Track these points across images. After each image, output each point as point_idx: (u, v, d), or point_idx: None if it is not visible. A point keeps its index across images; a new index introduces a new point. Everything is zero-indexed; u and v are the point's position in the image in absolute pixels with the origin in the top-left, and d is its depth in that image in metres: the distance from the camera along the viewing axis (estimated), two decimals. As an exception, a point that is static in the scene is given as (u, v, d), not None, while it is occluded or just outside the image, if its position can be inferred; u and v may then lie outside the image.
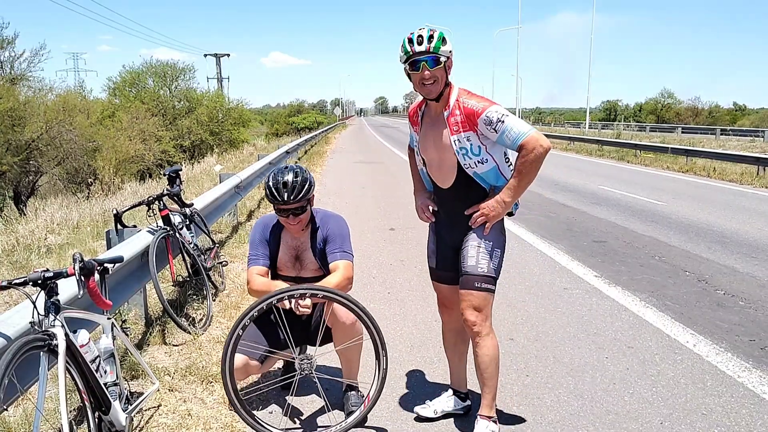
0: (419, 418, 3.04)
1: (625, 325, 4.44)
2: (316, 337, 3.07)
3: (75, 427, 2.72)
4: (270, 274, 3.11)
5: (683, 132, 42.65)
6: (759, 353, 3.97)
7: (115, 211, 4.19)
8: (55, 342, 2.11)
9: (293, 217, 2.93)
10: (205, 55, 46.96)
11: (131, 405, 2.70)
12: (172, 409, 3.06)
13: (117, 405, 2.51)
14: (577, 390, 3.39)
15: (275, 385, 3.27)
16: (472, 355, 2.88)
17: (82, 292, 2.35)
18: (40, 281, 2.20)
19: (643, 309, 4.81)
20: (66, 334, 2.17)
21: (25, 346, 2.00)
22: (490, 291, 2.75)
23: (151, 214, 4.47)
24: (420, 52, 2.57)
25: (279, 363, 3.34)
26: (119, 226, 4.14)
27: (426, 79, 2.62)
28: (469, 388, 3.17)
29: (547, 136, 2.71)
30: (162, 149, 26.30)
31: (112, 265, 2.73)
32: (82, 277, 2.33)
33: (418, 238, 2.79)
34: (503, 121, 2.59)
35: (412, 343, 4.06)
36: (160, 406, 3.09)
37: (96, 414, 2.37)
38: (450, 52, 2.62)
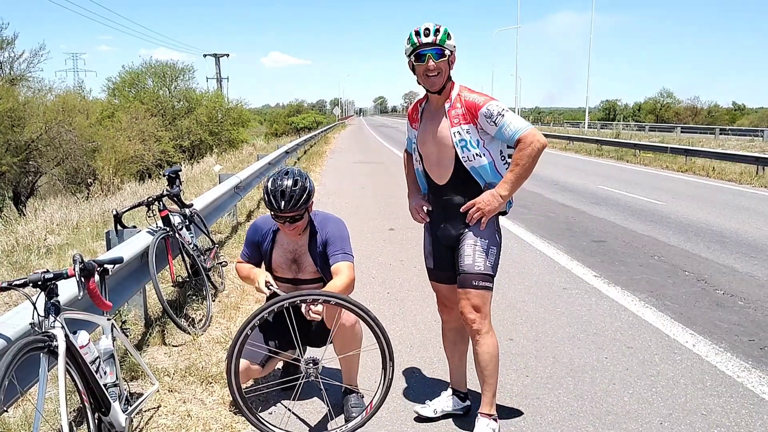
0: (419, 418, 3.05)
1: (624, 325, 4.44)
2: (317, 339, 3.06)
3: (75, 428, 2.73)
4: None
5: (682, 131, 42.61)
6: (758, 353, 3.98)
7: (114, 212, 4.18)
8: (55, 343, 2.11)
9: (289, 224, 2.93)
10: (205, 55, 46.99)
11: (131, 406, 2.70)
12: (172, 410, 3.06)
13: (117, 406, 2.51)
14: (576, 390, 3.39)
15: (277, 387, 3.27)
16: (471, 354, 2.89)
17: (82, 293, 2.35)
18: (40, 282, 2.20)
19: (642, 309, 4.81)
20: (66, 335, 2.17)
21: (25, 347, 2.00)
22: (488, 289, 2.78)
23: (151, 215, 4.47)
24: (426, 44, 2.65)
25: (279, 364, 3.34)
26: (119, 227, 4.14)
27: (431, 71, 2.68)
28: (469, 388, 3.17)
29: (546, 136, 2.74)
30: (161, 149, 26.28)
31: (112, 265, 2.73)
32: (82, 278, 2.34)
33: (417, 238, 2.81)
34: (503, 115, 2.66)
35: (411, 343, 4.06)
36: (159, 406, 3.10)
37: (96, 415, 2.37)
38: (454, 47, 2.70)
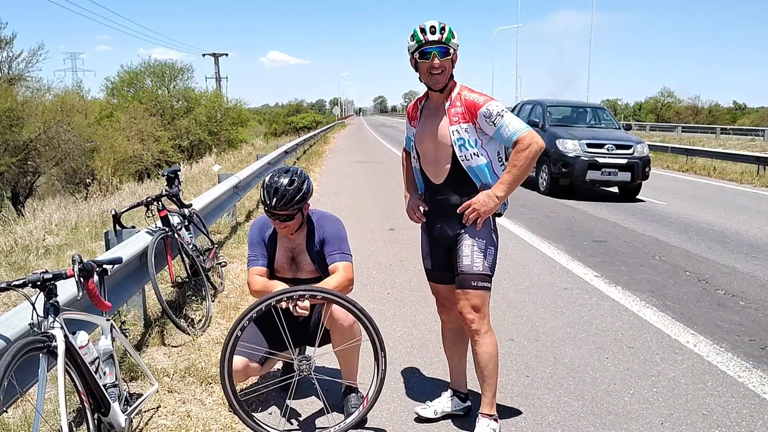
0: (419, 419, 3.04)
1: (625, 326, 4.44)
2: (315, 337, 3.06)
3: (74, 428, 2.71)
4: (268, 274, 3.10)
5: (683, 131, 42.58)
6: (759, 353, 3.97)
7: (113, 212, 4.17)
8: (54, 343, 2.10)
9: (279, 222, 2.92)
10: (204, 54, 46.84)
11: (130, 406, 2.69)
12: (172, 411, 3.05)
13: (116, 406, 2.50)
14: (577, 390, 3.39)
15: (274, 387, 3.26)
16: (471, 354, 2.88)
17: (81, 294, 2.34)
18: (39, 283, 2.19)
19: (643, 309, 4.81)
20: (65, 336, 2.16)
21: (24, 347, 1.99)
22: (487, 289, 2.78)
23: (150, 215, 4.45)
24: (432, 42, 2.64)
25: (279, 364, 3.33)
26: (118, 227, 4.12)
27: (435, 68, 2.68)
28: (470, 389, 3.16)
29: (546, 136, 2.72)
30: (160, 149, 26.27)
31: (111, 266, 2.73)
32: (81, 279, 2.33)
33: (417, 239, 2.78)
34: (502, 115, 2.66)
35: (411, 344, 4.05)
36: (159, 407, 3.09)
37: (95, 415, 2.36)
38: (457, 45, 2.71)
